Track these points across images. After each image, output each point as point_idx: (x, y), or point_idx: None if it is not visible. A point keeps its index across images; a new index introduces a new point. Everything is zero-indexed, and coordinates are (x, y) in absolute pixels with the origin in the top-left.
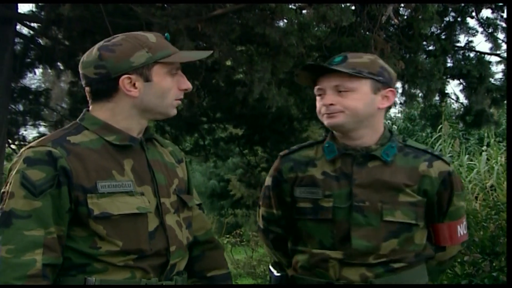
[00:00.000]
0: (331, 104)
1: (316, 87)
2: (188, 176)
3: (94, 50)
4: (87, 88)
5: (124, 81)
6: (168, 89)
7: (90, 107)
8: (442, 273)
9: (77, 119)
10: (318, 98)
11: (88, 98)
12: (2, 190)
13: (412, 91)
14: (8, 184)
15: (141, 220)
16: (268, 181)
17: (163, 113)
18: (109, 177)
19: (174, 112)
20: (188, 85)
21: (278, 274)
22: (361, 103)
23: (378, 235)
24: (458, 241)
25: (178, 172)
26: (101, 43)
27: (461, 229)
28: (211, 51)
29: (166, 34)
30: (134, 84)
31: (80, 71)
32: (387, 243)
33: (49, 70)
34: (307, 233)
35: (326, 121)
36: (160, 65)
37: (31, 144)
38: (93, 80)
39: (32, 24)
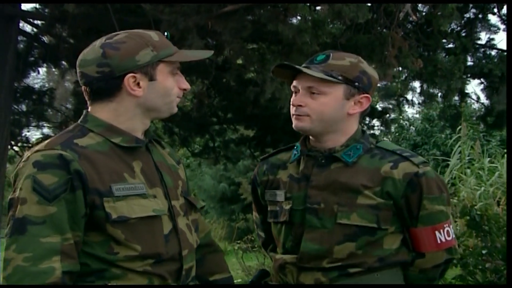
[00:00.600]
0: (300, 105)
1: (292, 85)
2: (186, 178)
3: (95, 48)
4: (86, 88)
5: (129, 80)
6: (171, 89)
7: (90, 108)
8: (432, 282)
9: (79, 121)
10: (293, 95)
11: (86, 98)
12: (11, 197)
13: (431, 90)
14: (18, 189)
15: (157, 223)
16: None
17: (167, 112)
18: (122, 180)
19: (176, 109)
20: (187, 85)
21: (261, 269)
22: (329, 108)
23: (331, 238)
24: (438, 247)
25: (180, 173)
26: (102, 40)
27: (442, 235)
28: (212, 51)
29: (166, 33)
30: (138, 83)
31: (79, 70)
32: (341, 247)
33: (53, 69)
34: (275, 237)
35: (293, 124)
36: (164, 64)
37: (37, 148)
38: (95, 79)
39: (36, 22)
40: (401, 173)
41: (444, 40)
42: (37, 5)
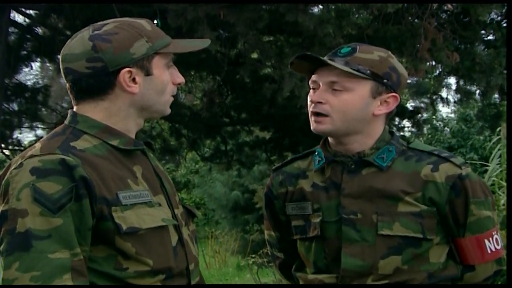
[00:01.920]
0: (320, 102)
1: (311, 79)
2: None
3: (83, 40)
4: (72, 85)
5: (124, 75)
6: (167, 83)
7: (77, 108)
8: None
9: (66, 122)
10: (311, 92)
11: (72, 97)
12: (3, 209)
13: (468, 87)
14: (14, 200)
15: (166, 234)
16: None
17: (160, 111)
18: (127, 187)
19: (169, 110)
20: (182, 78)
21: None
22: (352, 107)
23: (374, 252)
24: (488, 258)
25: (169, 177)
26: (88, 31)
27: (491, 244)
28: (209, 40)
29: (157, 21)
30: (134, 79)
31: (64, 65)
32: (387, 261)
33: (48, 64)
34: (303, 256)
35: (312, 126)
36: (160, 56)
37: (31, 153)
38: (84, 75)
39: (29, 12)
40: (443, 176)
41: (483, 32)
42: None
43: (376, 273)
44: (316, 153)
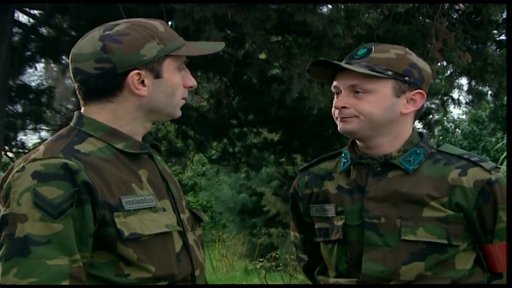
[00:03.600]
0: (344, 107)
1: (332, 86)
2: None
3: (93, 40)
4: (80, 86)
5: (133, 77)
6: (177, 86)
7: (84, 109)
8: None
9: (72, 124)
10: (334, 98)
11: (80, 98)
12: (3, 213)
13: (480, 88)
14: (14, 204)
15: (169, 240)
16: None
17: (170, 114)
18: (130, 192)
19: (180, 113)
20: (194, 82)
21: None
22: (378, 108)
23: (396, 258)
24: None
25: (176, 181)
26: (99, 31)
27: None
28: (224, 43)
29: (171, 22)
30: (142, 81)
31: (73, 65)
32: (409, 267)
33: (53, 65)
34: (326, 259)
35: (339, 126)
36: (171, 58)
37: (33, 156)
38: (92, 76)
39: (33, 12)
40: (471, 180)
41: (495, 31)
42: None
43: (397, 279)
44: (343, 155)
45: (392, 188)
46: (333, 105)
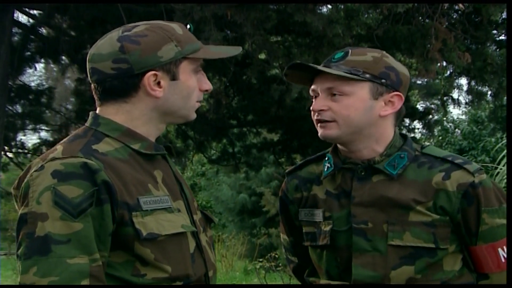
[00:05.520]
0: (321, 110)
1: (310, 89)
2: None
3: (112, 41)
4: (97, 86)
5: (149, 78)
6: (193, 89)
7: (99, 109)
8: None
9: (88, 124)
10: (313, 101)
11: (96, 98)
12: (23, 212)
13: (480, 88)
14: (34, 203)
15: (184, 241)
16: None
17: (185, 117)
18: (147, 192)
19: (194, 115)
20: (210, 85)
21: None
22: (356, 110)
23: (385, 263)
24: (502, 267)
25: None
26: (118, 32)
27: (505, 253)
28: (241, 48)
29: (189, 25)
30: (159, 83)
31: (91, 65)
32: (398, 271)
33: (52, 65)
34: (315, 263)
35: (319, 133)
36: (188, 61)
37: (52, 155)
38: (109, 76)
39: (33, 12)
40: (455, 184)
41: (494, 31)
42: None
43: (388, 284)
44: (326, 159)
45: (378, 193)
46: (311, 108)
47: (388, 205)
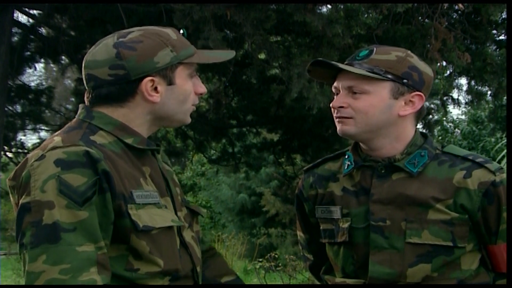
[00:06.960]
0: (341, 107)
1: (333, 86)
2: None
3: (108, 47)
4: (92, 92)
5: (147, 84)
6: (189, 93)
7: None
8: None
9: (81, 117)
10: (334, 97)
11: (87, 101)
12: (25, 200)
13: (480, 88)
14: (38, 191)
15: (173, 236)
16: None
17: (181, 121)
18: (139, 186)
19: (189, 119)
20: (204, 88)
21: None
22: (374, 109)
23: (402, 260)
24: None
25: (175, 179)
26: (113, 39)
27: None
28: (234, 52)
29: (183, 30)
30: (155, 88)
31: (86, 72)
32: (415, 269)
33: (52, 65)
34: (332, 260)
35: (337, 128)
36: (183, 66)
37: (53, 145)
38: (106, 82)
39: (32, 12)
40: (476, 182)
41: (494, 31)
42: None
43: (404, 281)
44: (346, 157)
45: (397, 191)
46: (331, 105)
47: (406, 202)
